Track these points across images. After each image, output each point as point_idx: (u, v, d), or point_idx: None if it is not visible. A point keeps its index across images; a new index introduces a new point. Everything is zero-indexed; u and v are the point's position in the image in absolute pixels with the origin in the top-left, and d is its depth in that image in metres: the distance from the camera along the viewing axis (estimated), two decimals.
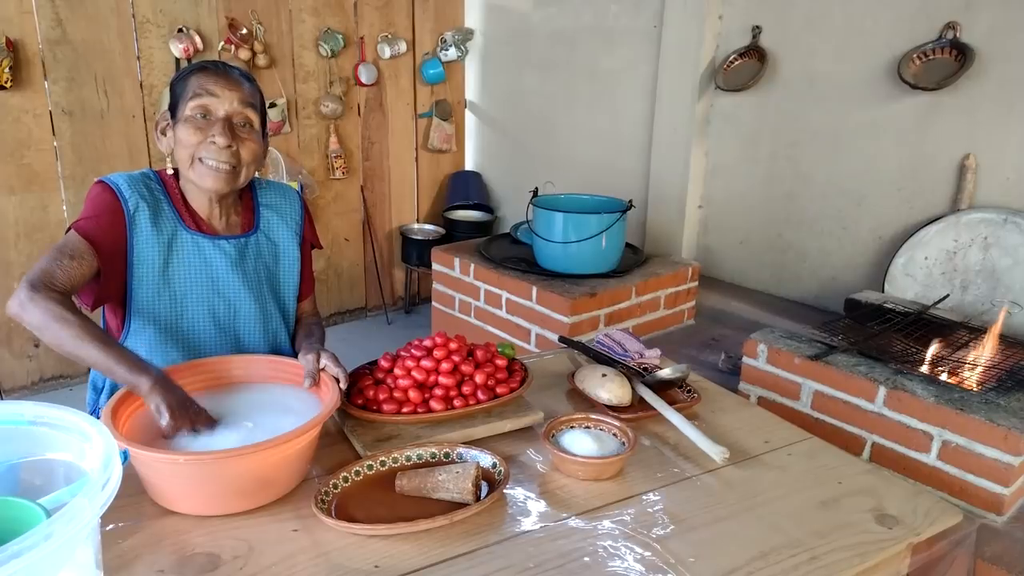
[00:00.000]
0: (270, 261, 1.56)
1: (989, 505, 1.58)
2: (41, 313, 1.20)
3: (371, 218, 4.33)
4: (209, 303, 1.47)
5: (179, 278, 1.44)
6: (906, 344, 1.99)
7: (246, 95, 1.42)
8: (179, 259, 1.44)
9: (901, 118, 2.59)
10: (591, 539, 1.09)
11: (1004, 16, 2.31)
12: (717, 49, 3.10)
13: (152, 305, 1.42)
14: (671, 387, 1.56)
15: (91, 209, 1.38)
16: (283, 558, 1.02)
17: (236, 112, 1.40)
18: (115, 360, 1.18)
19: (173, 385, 1.21)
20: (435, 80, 4.30)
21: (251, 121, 1.43)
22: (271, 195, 1.60)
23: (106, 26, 3.28)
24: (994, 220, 2.33)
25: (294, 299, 1.61)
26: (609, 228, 2.52)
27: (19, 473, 0.86)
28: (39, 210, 3.30)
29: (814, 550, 1.09)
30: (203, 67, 1.42)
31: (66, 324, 1.19)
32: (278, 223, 1.58)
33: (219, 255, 1.47)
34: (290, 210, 1.60)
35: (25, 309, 1.21)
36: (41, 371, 3.48)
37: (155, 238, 1.41)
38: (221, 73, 1.41)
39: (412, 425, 1.33)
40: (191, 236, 1.45)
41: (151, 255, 1.41)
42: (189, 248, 1.45)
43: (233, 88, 1.40)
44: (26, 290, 1.22)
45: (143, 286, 1.41)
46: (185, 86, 1.41)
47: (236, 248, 1.50)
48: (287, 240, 1.58)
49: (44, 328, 1.20)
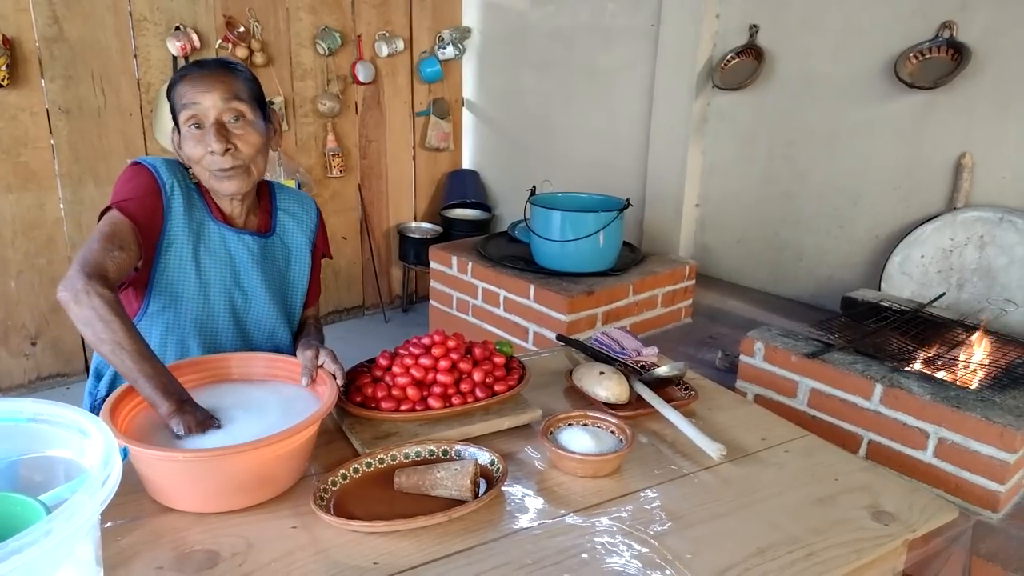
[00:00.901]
0: (283, 265, 1.57)
1: (985, 502, 1.59)
2: (90, 311, 1.18)
3: (369, 216, 4.33)
4: (230, 295, 1.47)
5: (206, 266, 1.44)
6: (902, 342, 2.00)
7: (229, 89, 1.38)
8: (207, 247, 1.44)
9: (898, 117, 2.60)
10: (589, 536, 1.09)
11: (1000, 15, 2.32)
12: (714, 48, 3.11)
13: (178, 289, 1.42)
14: (668, 385, 1.56)
15: (132, 190, 1.37)
16: (282, 555, 1.02)
17: (223, 111, 1.37)
18: (145, 378, 1.17)
19: (194, 409, 1.20)
20: (433, 78, 4.30)
21: (242, 113, 1.39)
22: (289, 201, 1.59)
23: (103, 24, 3.28)
24: (990, 219, 2.34)
25: (300, 305, 1.61)
26: (606, 226, 2.52)
27: (19, 470, 0.86)
28: (36, 208, 3.30)
29: (811, 546, 1.09)
30: (185, 73, 1.40)
31: (110, 328, 1.18)
32: (294, 229, 1.58)
33: (242, 249, 1.48)
34: (306, 217, 1.60)
35: (78, 301, 1.19)
36: (38, 369, 3.48)
37: (187, 223, 1.41)
38: (200, 76, 1.38)
39: (410, 422, 1.33)
40: (217, 227, 1.46)
41: (182, 240, 1.41)
42: (215, 238, 1.45)
43: (214, 88, 1.37)
44: (81, 280, 1.19)
45: (171, 269, 1.41)
46: (175, 97, 1.40)
47: (258, 245, 1.50)
48: (301, 246, 1.59)
49: (89, 325, 1.19)
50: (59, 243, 3.39)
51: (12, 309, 3.34)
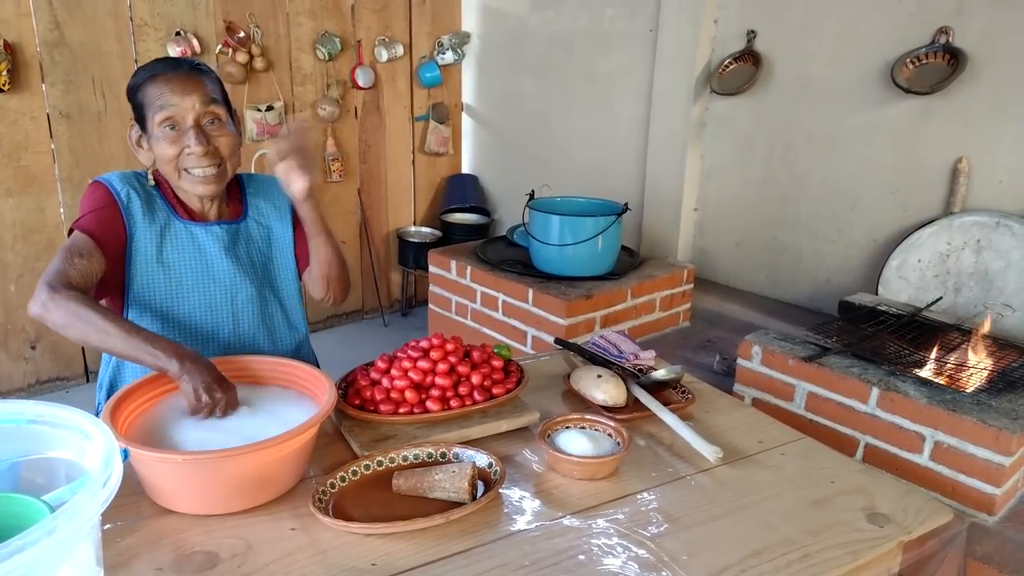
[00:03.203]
0: (263, 246, 1.58)
1: (981, 505, 1.60)
2: (63, 312, 1.22)
3: (368, 221, 4.34)
4: (205, 290, 1.49)
5: (174, 265, 1.46)
6: (899, 346, 2.00)
7: (206, 93, 1.42)
8: (173, 247, 1.46)
9: (894, 122, 2.61)
10: (586, 538, 1.10)
11: (996, 20, 2.33)
12: (712, 53, 3.12)
13: (149, 293, 1.44)
14: (666, 388, 1.57)
15: (88, 206, 1.41)
16: (281, 556, 1.03)
17: (202, 114, 1.41)
18: (141, 347, 1.21)
19: (203, 363, 1.22)
20: (432, 83, 4.31)
21: (218, 116, 1.44)
22: (257, 184, 1.62)
23: (104, 29, 3.29)
24: (987, 223, 2.35)
25: (292, 282, 1.63)
26: (605, 231, 2.53)
27: (20, 471, 0.87)
28: (36, 212, 3.31)
29: (806, 548, 1.10)
30: (154, 74, 1.41)
31: (88, 320, 1.22)
32: (267, 208, 1.60)
33: (212, 240, 1.49)
34: (277, 193, 1.60)
35: (48, 309, 1.23)
36: (38, 373, 3.48)
37: (149, 227, 1.44)
38: (174, 77, 1.40)
39: (409, 425, 1.33)
40: (183, 224, 1.48)
41: (145, 243, 1.44)
42: (182, 236, 1.47)
43: (192, 90, 1.40)
44: (46, 291, 1.24)
45: (139, 275, 1.44)
46: (145, 97, 1.41)
47: (228, 233, 1.52)
48: (279, 225, 1.60)
49: (68, 326, 1.23)
50: (59, 247, 3.37)
51: (12, 313, 3.35)
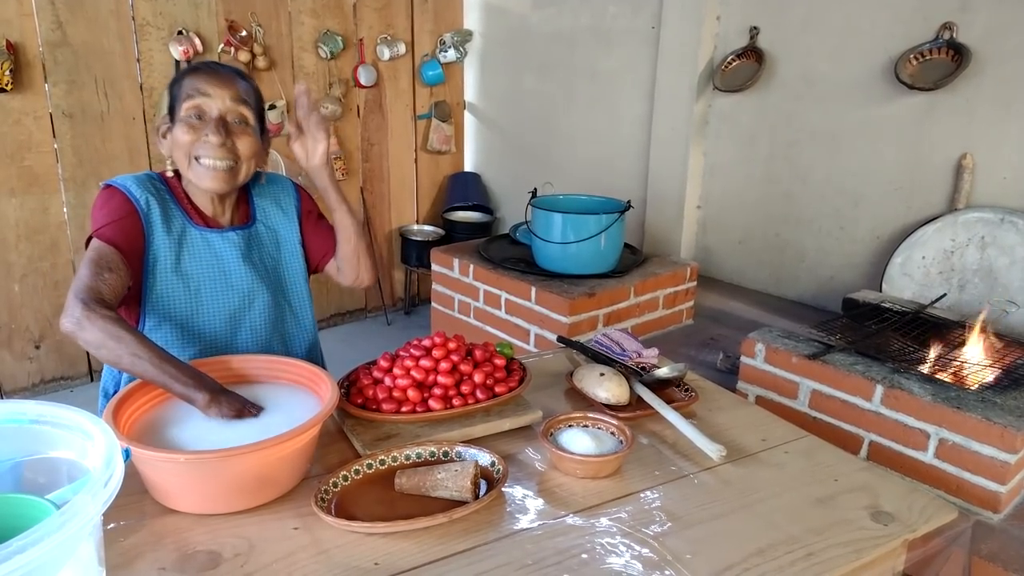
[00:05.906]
0: (272, 249, 1.58)
1: (986, 503, 1.59)
2: (98, 332, 1.21)
3: (371, 219, 4.34)
4: (223, 298, 1.48)
5: (192, 274, 1.46)
6: (903, 343, 2.00)
7: (239, 92, 1.42)
8: (191, 255, 1.46)
9: (898, 118, 2.60)
10: (589, 536, 1.10)
11: (1000, 16, 2.32)
12: (715, 50, 3.12)
13: (168, 302, 1.43)
14: (669, 386, 1.56)
15: (108, 214, 1.39)
16: (283, 556, 1.03)
17: (230, 110, 1.41)
18: (171, 376, 1.20)
19: (229, 397, 1.23)
20: (434, 81, 4.31)
21: (246, 118, 1.43)
22: (262, 186, 1.61)
23: (106, 28, 3.29)
24: (991, 219, 2.34)
25: (302, 284, 1.62)
26: (608, 228, 2.52)
27: (23, 471, 0.87)
28: (39, 212, 3.31)
29: (810, 547, 1.09)
30: (196, 68, 1.43)
31: (122, 342, 1.20)
32: (273, 209, 1.59)
33: (228, 247, 1.49)
34: (283, 193, 1.61)
35: (83, 328, 1.21)
36: (42, 372, 3.49)
37: (167, 235, 1.43)
38: (213, 73, 1.42)
39: (411, 424, 1.33)
40: (200, 232, 1.47)
41: (165, 252, 1.43)
42: (199, 244, 1.46)
43: (225, 86, 1.41)
44: (80, 308, 1.22)
45: (158, 285, 1.42)
46: (180, 88, 1.42)
47: (243, 239, 1.51)
48: (286, 227, 1.60)
49: (101, 346, 1.21)
50: (62, 247, 3.40)
51: (16, 312, 3.35)
